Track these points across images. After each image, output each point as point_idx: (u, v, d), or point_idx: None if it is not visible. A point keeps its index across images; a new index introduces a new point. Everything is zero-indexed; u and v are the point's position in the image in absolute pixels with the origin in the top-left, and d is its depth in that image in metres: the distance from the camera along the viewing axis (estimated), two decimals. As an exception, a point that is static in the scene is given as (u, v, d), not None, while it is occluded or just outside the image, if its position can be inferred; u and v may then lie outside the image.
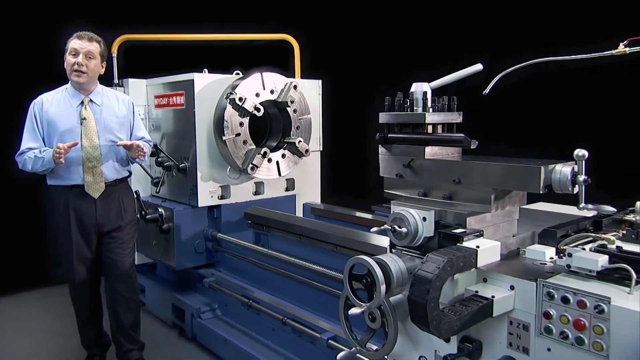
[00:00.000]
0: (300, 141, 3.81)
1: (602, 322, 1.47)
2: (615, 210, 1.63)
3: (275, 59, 4.57)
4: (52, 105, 2.92)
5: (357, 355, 2.12)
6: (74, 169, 2.87)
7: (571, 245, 1.83)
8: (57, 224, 2.97)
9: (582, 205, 1.63)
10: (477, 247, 1.59)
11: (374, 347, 1.94)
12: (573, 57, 2.13)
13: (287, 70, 4.50)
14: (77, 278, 2.98)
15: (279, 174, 3.81)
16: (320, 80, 4.30)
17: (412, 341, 2.00)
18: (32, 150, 2.86)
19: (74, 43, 2.87)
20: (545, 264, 1.79)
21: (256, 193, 3.96)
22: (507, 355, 1.71)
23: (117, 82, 3.99)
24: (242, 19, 4.68)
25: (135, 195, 3.22)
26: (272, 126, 3.97)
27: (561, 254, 1.77)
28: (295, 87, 3.78)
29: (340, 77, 4.73)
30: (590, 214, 1.99)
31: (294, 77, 4.38)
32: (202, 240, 3.74)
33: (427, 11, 4.53)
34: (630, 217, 2.20)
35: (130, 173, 3.18)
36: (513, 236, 1.97)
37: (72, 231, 2.93)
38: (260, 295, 3.21)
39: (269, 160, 3.73)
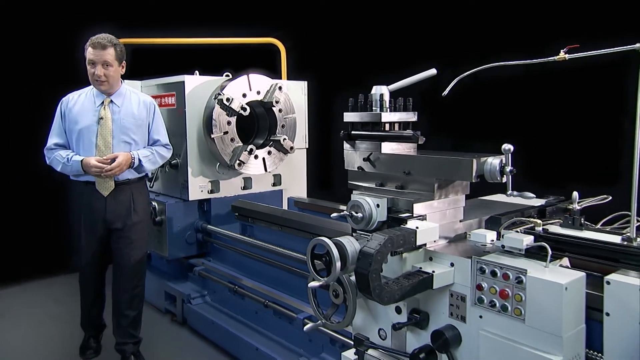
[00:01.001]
0: (285, 139, 4.06)
1: (521, 291, 1.72)
2: (534, 196, 1.88)
3: (264, 61, 4.82)
4: (76, 103, 3.06)
5: (323, 328, 2.38)
6: None
7: (507, 229, 2.09)
8: (76, 212, 3.16)
9: (509, 192, 1.89)
10: (417, 227, 1.84)
11: (337, 320, 2.20)
12: (520, 62, 2.37)
13: (275, 72, 4.77)
14: (83, 265, 3.17)
15: (265, 170, 4.06)
16: (306, 82, 4.56)
17: (372, 315, 2.25)
18: (58, 148, 3.04)
19: (89, 53, 2.97)
20: (486, 245, 2.04)
21: (244, 188, 4.22)
22: (449, 324, 1.96)
23: None
24: (233, 24, 4.92)
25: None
26: (259, 125, 4.22)
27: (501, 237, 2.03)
28: (280, 88, 4.04)
29: (326, 78, 4.98)
30: (518, 200, 2.26)
31: (280, 78, 4.64)
32: (192, 232, 4.00)
33: (403, 19, 4.81)
34: (571, 205, 2.47)
35: (148, 175, 3.31)
36: (460, 221, 2.23)
37: (83, 223, 3.10)
38: (245, 281, 3.47)
39: (256, 157, 3.98)
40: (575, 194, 2.43)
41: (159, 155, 3.21)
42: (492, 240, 2.07)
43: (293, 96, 4.25)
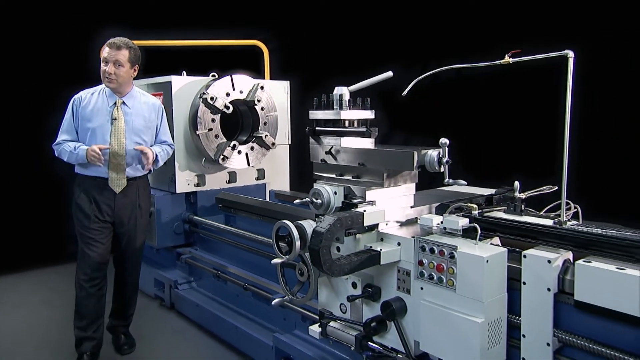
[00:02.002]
0: (267, 135, 4.34)
1: (453, 264, 2.01)
2: (465, 183, 2.16)
3: (249, 62, 5.09)
4: (89, 102, 3.15)
5: (289, 303, 2.67)
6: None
7: (451, 214, 2.37)
8: (78, 208, 3.16)
9: (447, 180, 2.17)
10: (364, 210, 2.12)
11: (302, 296, 2.48)
12: (470, 65, 2.65)
13: (259, 72, 5.05)
14: (88, 259, 3.14)
15: (248, 164, 4.33)
16: (288, 81, 4.82)
17: (334, 292, 2.53)
18: (67, 142, 3.13)
19: (104, 52, 3.11)
20: (432, 227, 2.31)
21: (229, 181, 4.49)
22: (397, 296, 2.24)
23: None
24: (220, 27, 5.19)
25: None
26: (242, 122, 4.49)
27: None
28: (262, 87, 4.30)
29: (308, 78, 5.25)
30: (473, 190, 2.54)
31: (264, 78, 4.91)
32: (180, 223, 4.27)
33: (374, 25, 5.18)
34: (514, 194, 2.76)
35: (151, 171, 3.43)
36: (411, 207, 2.51)
37: (91, 218, 3.13)
38: (227, 267, 3.74)
39: (239, 152, 4.25)
40: (516, 183, 2.72)
41: (166, 153, 3.40)
42: (438, 224, 2.35)
43: (276, 95, 4.52)
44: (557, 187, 2.75)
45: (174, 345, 3.56)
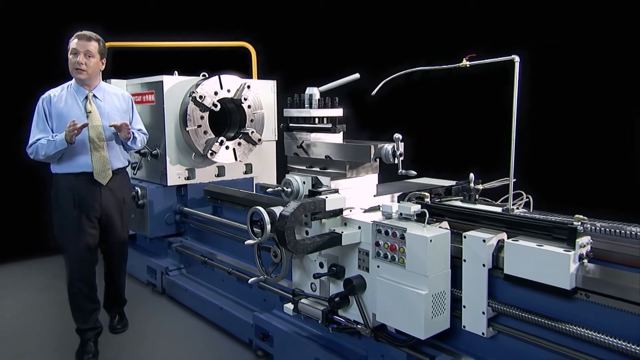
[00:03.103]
0: (253, 132, 4.61)
1: (403, 244, 2.28)
2: (415, 173, 2.43)
3: (238, 62, 5.37)
4: (60, 100, 3.18)
5: (264, 283, 2.95)
6: (81, 155, 3.13)
7: (408, 201, 2.65)
8: (59, 207, 3.20)
9: (400, 171, 2.44)
10: (326, 197, 2.40)
11: (275, 275, 2.76)
12: (433, 67, 2.92)
13: (248, 72, 5.32)
14: (75, 255, 3.21)
15: (235, 159, 4.61)
16: (275, 81, 5.09)
17: (306, 273, 2.81)
18: (40, 140, 3.12)
19: (74, 43, 3.15)
20: (391, 213, 2.59)
21: (218, 175, 4.75)
22: (358, 274, 2.52)
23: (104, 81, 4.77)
24: (210, 29, 5.47)
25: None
26: (230, 119, 4.75)
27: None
28: (248, 86, 4.57)
29: (294, 77, 5.53)
30: (436, 181, 2.82)
31: (252, 78, 5.18)
32: (171, 214, 4.54)
33: (352, 29, 5.55)
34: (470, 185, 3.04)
35: (129, 162, 3.55)
36: (374, 196, 2.79)
37: (73, 214, 3.17)
38: (214, 254, 4.02)
39: (227, 148, 4.52)
40: (471, 175, 3.02)
41: (141, 138, 3.45)
42: (396, 210, 2.63)
43: (263, 93, 4.79)
44: (515, 179, 3.05)
45: (165, 327, 3.83)
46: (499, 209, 2.59)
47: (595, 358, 1.95)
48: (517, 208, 2.73)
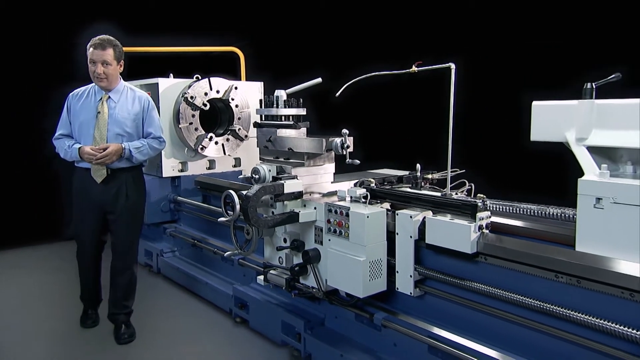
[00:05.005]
0: (240, 129, 5.10)
1: (347, 220, 2.75)
2: (359, 162, 2.89)
3: (229, 65, 5.88)
4: (80, 98, 3.42)
5: (238, 258, 3.43)
6: None
7: (360, 186, 3.12)
8: (74, 196, 3.52)
9: (348, 160, 2.91)
10: (284, 182, 2.88)
11: (247, 249, 3.24)
12: (388, 72, 3.37)
13: (237, 74, 5.82)
14: (80, 243, 3.58)
15: (224, 153, 5.10)
16: (262, 82, 5.58)
17: (275, 249, 3.29)
18: (64, 137, 3.43)
19: (91, 53, 3.28)
20: (345, 197, 3.06)
21: (209, 168, 5.24)
22: (314, 247, 2.99)
23: None
24: (204, 35, 5.97)
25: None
26: (220, 117, 5.25)
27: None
28: (236, 88, 5.06)
29: (279, 79, 6.03)
30: (394, 172, 3.30)
31: (240, 80, 5.67)
32: (166, 202, 5.04)
33: (332, 34, 6.15)
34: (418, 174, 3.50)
35: (141, 164, 3.60)
36: (332, 182, 3.26)
37: (82, 205, 3.46)
38: (203, 237, 4.52)
39: (216, 143, 5.02)
40: (418, 166, 3.48)
41: (151, 147, 3.50)
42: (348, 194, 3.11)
43: (251, 94, 5.27)
44: (464, 170, 3.52)
45: (160, 301, 4.31)
46: (438, 194, 3.06)
47: (494, 309, 2.42)
48: (456, 194, 3.21)
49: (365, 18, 6.03)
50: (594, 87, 2.23)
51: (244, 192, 2.90)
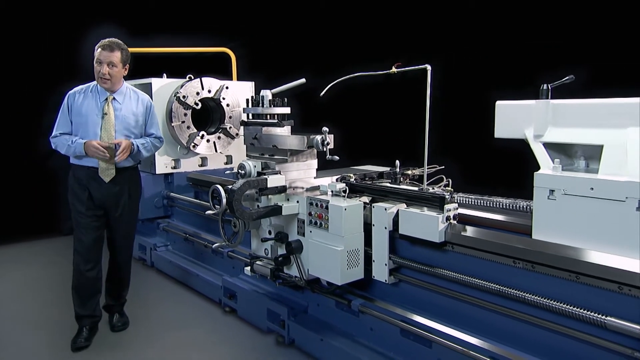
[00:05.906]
0: (230, 127, 5.28)
1: (327, 213, 2.93)
2: (338, 158, 3.06)
3: (223, 65, 6.05)
4: (83, 98, 3.40)
5: (227, 251, 3.60)
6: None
7: (341, 181, 3.30)
8: (73, 195, 3.45)
9: (328, 156, 3.08)
10: (267, 177, 3.06)
11: (234, 241, 3.41)
12: (370, 73, 3.53)
13: (229, 74, 5.99)
14: (82, 243, 3.44)
15: (216, 150, 5.28)
16: (253, 82, 5.75)
17: (260, 241, 3.47)
18: (63, 135, 3.38)
19: (99, 54, 3.32)
20: (327, 192, 3.24)
21: (201, 165, 5.41)
22: (297, 239, 3.17)
23: None
24: (198, 36, 6.14)
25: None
26: (212, 116, 5.42)
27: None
28: (227, 87, 5.24)
29: (270, 79, 6.21)
30: (375, 168, 3.47)
31: (232, 79, 5.84)
32: (160, 198, 5.21)
33: (329, 30, 6.24)
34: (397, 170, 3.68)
35: (139, 162, 3.69)
36: (315, 178, 3.44)
37: (84, 204, 3.41)
38: (194, 232, 4.69)
39: (207, 141, 5.19)
40: (397, 162, 3.65)
41: (153, 145, 3.61)
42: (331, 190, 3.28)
43: (242, 93, 5.44)
44: (444, 167, 3.69)
45: (153, 294, 4.49)
46: (411, 187, 3.24)
47: (461, 294, 2.60)
48: (433, 188, 3.39)
49: (352, 22, 6.32)
50: (550, 88, 2.42)
51: (230, 186, 3.08)
